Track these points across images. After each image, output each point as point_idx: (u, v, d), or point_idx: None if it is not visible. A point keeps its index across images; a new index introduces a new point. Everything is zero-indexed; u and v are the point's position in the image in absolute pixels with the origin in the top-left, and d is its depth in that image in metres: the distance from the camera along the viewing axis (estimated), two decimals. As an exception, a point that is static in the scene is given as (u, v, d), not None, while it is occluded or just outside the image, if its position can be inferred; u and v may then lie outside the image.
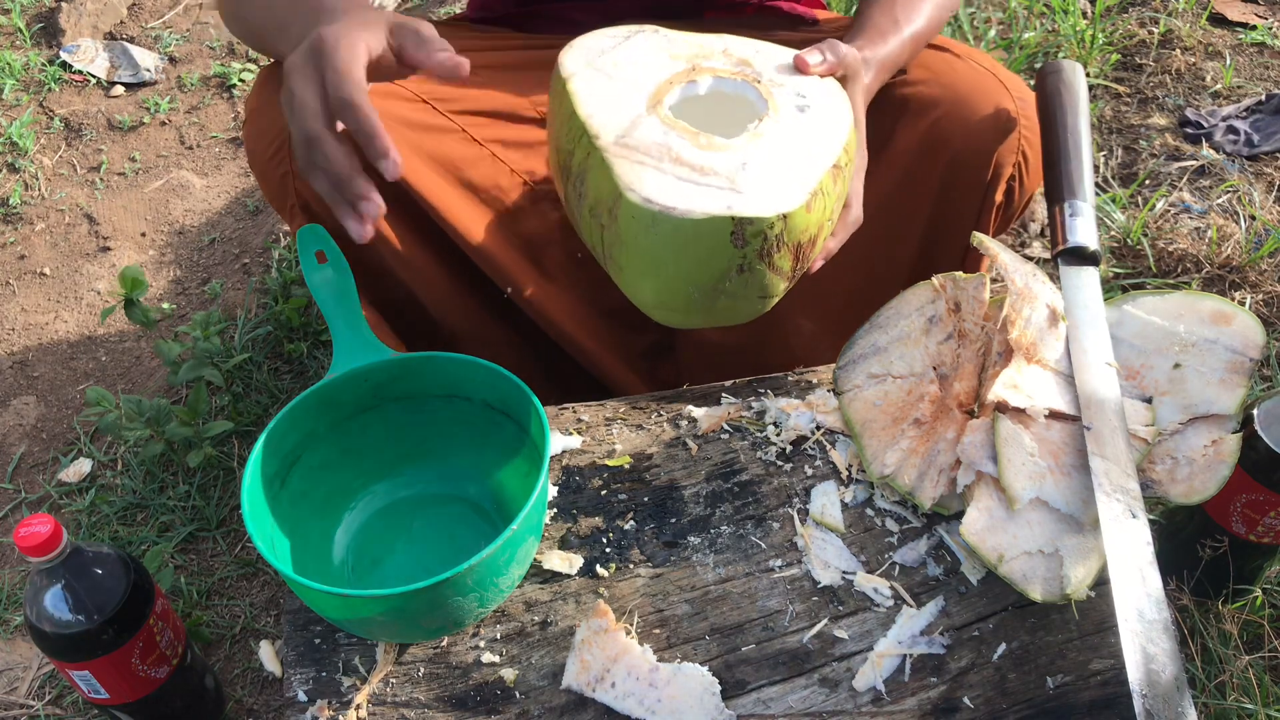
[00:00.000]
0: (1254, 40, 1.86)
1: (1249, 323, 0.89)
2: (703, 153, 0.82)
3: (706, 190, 0.80)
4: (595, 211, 0.83)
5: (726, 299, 0.83)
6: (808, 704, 0.79)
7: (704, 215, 0.78)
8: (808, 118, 0.87)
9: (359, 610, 0.75)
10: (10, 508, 1.37)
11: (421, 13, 2.15)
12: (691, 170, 0.81)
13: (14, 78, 2.02)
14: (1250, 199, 1.57)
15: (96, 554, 0.92)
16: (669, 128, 0.84)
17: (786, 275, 0.85)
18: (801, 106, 0.88)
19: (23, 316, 1.63)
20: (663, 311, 0.87)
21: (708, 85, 0.90)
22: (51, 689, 1.17)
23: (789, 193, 0.80)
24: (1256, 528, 0.94)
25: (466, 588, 0.74)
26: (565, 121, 0.86)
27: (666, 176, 0.80)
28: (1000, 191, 1.03)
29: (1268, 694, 0.94)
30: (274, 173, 0.97)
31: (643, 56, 0.91)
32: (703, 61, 0.91)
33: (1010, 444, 0.83)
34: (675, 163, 0.81)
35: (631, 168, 0.81)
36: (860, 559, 0.86)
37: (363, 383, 0.85)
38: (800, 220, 0.81)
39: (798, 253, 0.83)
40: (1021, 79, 1.08)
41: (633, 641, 0.80)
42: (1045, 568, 0.80)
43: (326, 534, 0.89)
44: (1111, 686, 0.79)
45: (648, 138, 0.83)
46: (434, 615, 0.77)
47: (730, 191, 0.80)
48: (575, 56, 0.90)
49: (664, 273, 0.82)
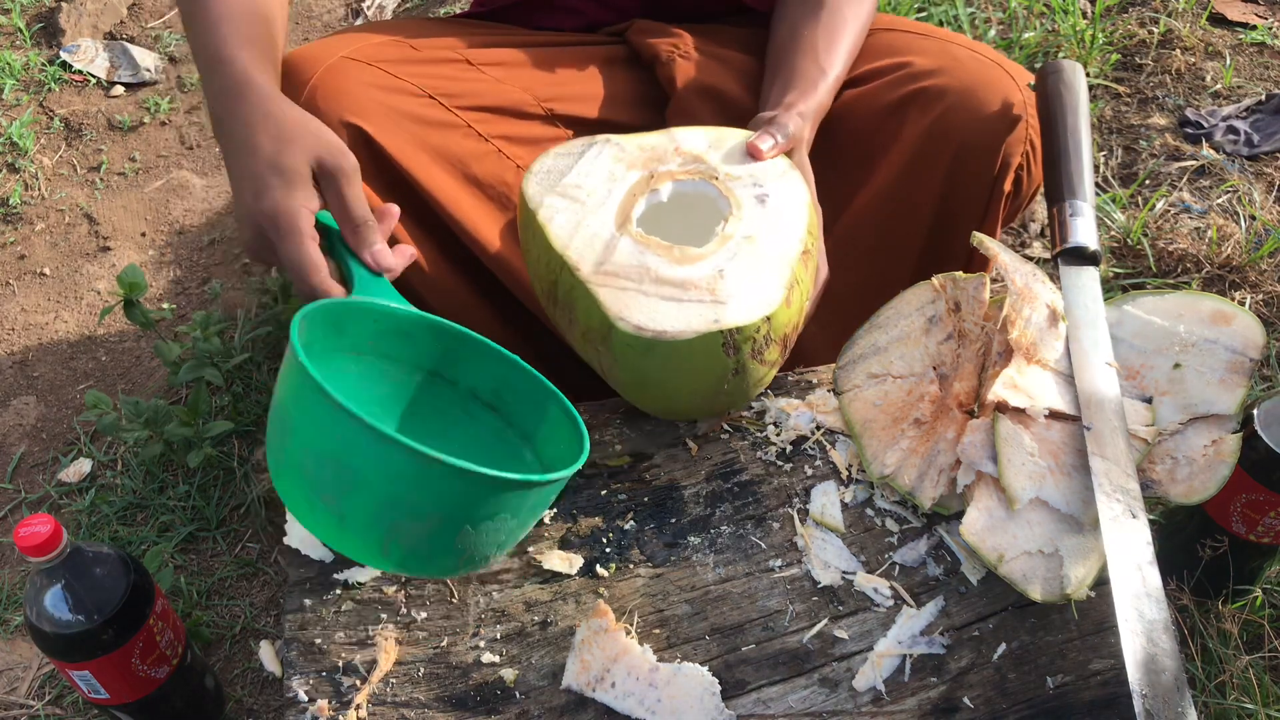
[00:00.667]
0: (1254, 40, 1.86)
1: (1249, 323, 0.89)
2: (679, 267, 0.86)
3: (691, 306, 0.84)
4: (589, 337, 0.87)
5: (725, 397, 0.89)
6: (808, 704, 0.79)
7: (695, 334, 0.82)
8: (769, 208, 0.91)
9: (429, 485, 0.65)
10: (10, 508, 1.37)
11: (421, 12, 2.15)
12: (672, 288, 0.85)
13: (14, 78, 2.02)
14: (1250, 199, 1.57)
15: (96, 554, 0.92)
16: (643, 246, 0.87)
17: (776, 364, 0.90)
18: (760, 197, 0.91)
19: (23, 316, 1.63)
20: (669, 414, 0.94)
21: (668, 191, 0.93)
22: (51, 689, 1.17)
23: (767, 292, 0.85)
24: (1256, 528, 0.94)
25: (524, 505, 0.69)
26: (543, 253, 0.89)
27: (651, 299, 0.84)
28: (1009, 181, 1.03)
29: (1268, 694, 0.94)
30: None
31: (600, 170, 0.93)
32: (658, 166, 0.94)
33: (1010, 444, 0.83)
34: (656, 283, 0.85)
35: (617, 295, 0.84)
36: (860, 559, 0.86)
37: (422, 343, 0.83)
38: (783, 316, 0.86)
39: (784, 343, 0.88)
40: (1027, 69, 1.09)
41: (633, 642, 0.80)
42: (1045, 568, 0.80)
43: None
44: (1111, 686, 0.79)
45: (625, 260, 0.86)
46: (480, 526, 0.68)
47: (713, 304, 0.84)
48: (536, 184, 0.92)
49: (664, 389, 0.87)
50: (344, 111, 0.94)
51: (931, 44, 1.06)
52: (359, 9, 2.18)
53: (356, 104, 0.95)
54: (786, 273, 0.86)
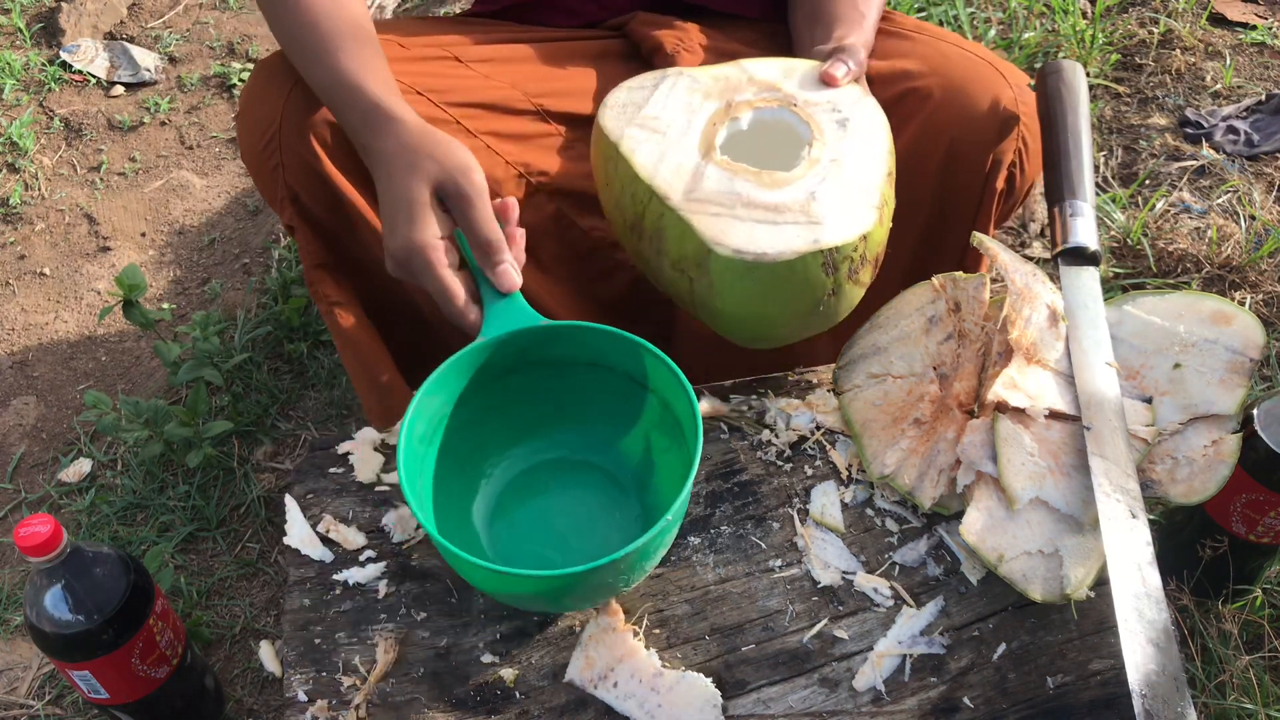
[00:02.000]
0: (1254, 40, 1.86)
1: (1249, 323, 0.89)
2: (769, 191, 0.86)
3: (787, 229, 0.84)
4: (680, 266, 0.87)
5: (819, 319, 0.88)
6: (808, 704, 0.79)
7: (795, 254, 0.82)
8: (850, 133, 0.91)
9: (517, 587, 0.76)
10: (10, 508, 1.37)
11: (421, 12, 2.15)
12: (766, 211, 0.85)
13: (14, 78, 2.01)
14: (1250, 199, 1.57)
15: (96, 554, 0.92)
16: (731, 173, 0.87)
17: (867, 285, 0.89)
18: (841, 121, 0.91)
19: (23, 316, 1.63)
20: (757, 341, 0.94)
21: (749, 119, 0.93)
22: (51, 689, 1.17)
23: (861, 213, 0.85)
24: (1256, 528, 0.94)
25: (619, 571, 0.75)
26: (627, 185, 0.89)
27: (745, 224, 0.84)
28: (1001, 179, 1.03)
29: (1268, 694, 0.94)
30: (265, 164, 0.97)
31: (677, 101, 0.93)
32: (735, 96, 0.93)
33: (1010, 444, 0.83)
34: (748, 207, 0.85)
35: (711, 221, 0.84)
36: (860, 559, 0.86)
37: (509, 347, 0.86)
38: (877, 235, 0.86)
39: (876, 263, 0.89)
40: (1017, 67, 1.08)
41: (640, 644, 0.80)
42: (1045, 568, 0.80)
43: (467, 491, 0.89)
44: (1111, 686, 0.79)
45: (714, 187, 0.86)
46: (579, 595, 0.78)
47: (810, 225, 0.84)
48: (614, 116, 0.92)
49: (764, 311, 0.87)
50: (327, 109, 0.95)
51: (922, 42, 1.06)
52: (359, 9, 2.17)
53: None
54: (875, 193, 0.86)
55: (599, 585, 0.76)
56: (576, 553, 0.86)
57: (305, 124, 0.94)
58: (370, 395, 1.07)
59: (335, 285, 1.04)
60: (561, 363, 0.88)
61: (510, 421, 0.90)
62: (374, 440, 0.96)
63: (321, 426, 1.42)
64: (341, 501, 0.92)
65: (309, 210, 0.99)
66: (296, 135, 0.95)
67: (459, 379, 0.85)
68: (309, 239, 1.01)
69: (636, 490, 0.89)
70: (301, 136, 0.95)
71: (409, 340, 1.12)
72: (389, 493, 0.93)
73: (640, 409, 0.88)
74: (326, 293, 1.04)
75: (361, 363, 1.05)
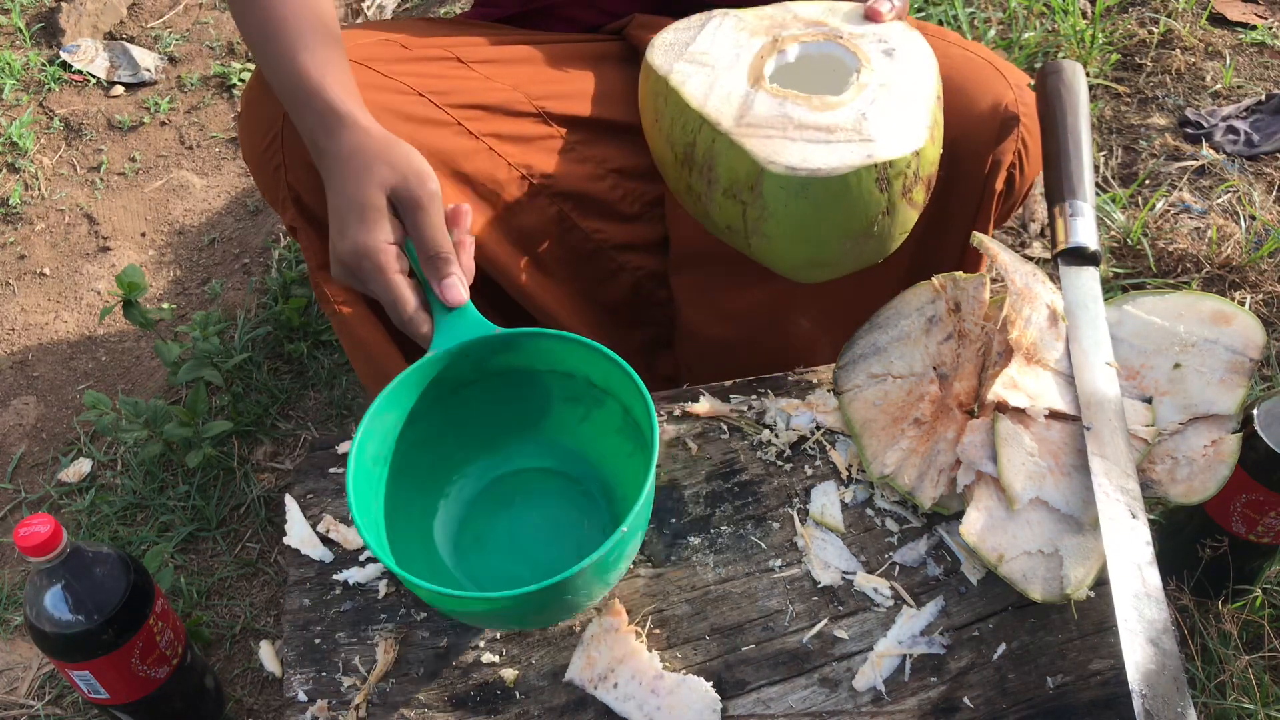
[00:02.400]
0: (1254, 40, 1.85)
1: (1249, 323, 0.89)
2: (820, 114, 0.87)
3: (840, 147, 0.85)
4: (732, 192, 0.87)
5: (874, 242, 0.89)
6: (808, 704, 0.79)
7: (849, 169, 0.83)
8: (897, 61, 0.92)
9: (469, 607, 0.75)
10: (10, 508, 1.37)
11: (421, 12, 2.15)
12: (817, 131, 0.86)
13: (14, 78, 2.01)
14: (1250, 199, 1.57)
15: (96, 554, 0.92)
16: (781, 98, 0.88)
17: (920, 207, 0.90)
18: (887, 51, 0.93)
19: (23, 316, 1.63)
20: (811, 270, 0.93)
21: (796, 52, 0.94)
22: (51, 689, 1.17)
23: (913, 131, 0.86)
24: (1256, 528, 0.94)
25: (577, 587, 0.73)
26: (677, 116, 0.91)
27: (798, 144, 0.85)
28: (1001, 180, 1.03)
29: (1268, 694, 0.94)
30: (267, 165, 0.97)
31: (724, 39, 0.95)
32: (781, 31, 0.96)
33: (1010, 444, 0.83)
34: (800, 129, 0.86)
35: (764, 143, 0.85)
36: (860, 559, 0.86)
37: (464, 358, 0.84)
38: (929, 153, 0.88)
39: (929, 184, 0.90)
40: (1017, 67, 1.08)
41: (642, 646, 0.80)
42: (1045, 568, 0.80)
43: (428, 510, 0.87)
44: (1111, 686, 0.79)
45: (765, 111, 0.88)
46: (543, 613, 0.77)
47: (863, 142, 0.85)
48: (662, 54, 0.95)
49: (818, 233, 0.87)
50: None
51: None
52: (359, 9, 2.18)
53: None
54: (925, 114, 0.88)
55: (560, 602, 0.74)
56: (545, 567, 0.83)
57: None
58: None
59: (340, 286, 1.04)
60: (519, 371, 0.86)
61: (470, 435, 0.88)
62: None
63: (321, 426, 1.42)
64: (341, 501, 0.92)
65: (311, 211, 0.99)
66: (298, 136, 0.95)
67: (410, 395, 0.83)
68: (312, 240, 1.01)
69: (604, 498, 0.88)
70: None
71: (408, 343, 1.12)
72: (389, 493, 0.93)
73: (601, 414, 0.86)
74: (331, 293, 1.04)
75: (369, 361, 1.05)
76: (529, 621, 0.80)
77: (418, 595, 0.77)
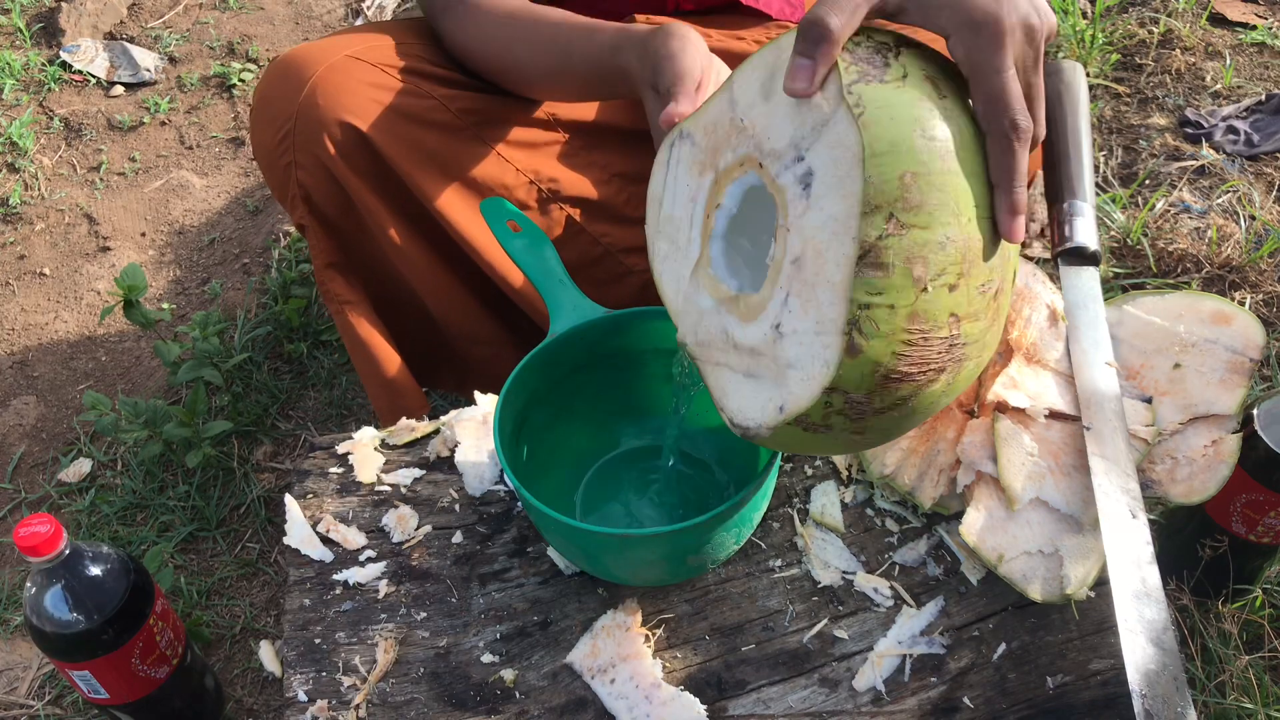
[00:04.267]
0: (1254, 40, 1.85)
1: (1249, 323, 0.89)
2: (747, 326, 0.67)
3: (763, 387, 0.65)
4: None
5: (863, 447, 0.69)
6: (808, 704, 0.79)
7: (770, 430, 0.64)
8: (814, 196, 0.62)
9: (637, 548, 0.77)
10: (10, 508, 1.37)
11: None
12: (746, 358, 0.67)
13: (14, 78, 2.01)
14: (1250, 199, 1.57)
15: (96, 554, 0.92)
16: (717, 300, 0.69)
17: (901, 408, 0.63)
18: (804, 179, 0.62)
19: (23, 316, 1.63)
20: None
21: (735, 197, 0.70)
22: (51, 689, 1.17)
23: (822, 347, 0.60)
24: (1256, 528, 0.94)
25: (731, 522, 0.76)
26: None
27: (736, 376, 0.67)
28: None
29: (1268, 694, 0.94)
30: (278, 162, 0.97)
31: (681, 188, 0.74)
32: (720, 160, 0.70)
33: (1010, 444, 0.83)
34: (736, 350, 0.68)
35: (715, 374, 0.69)
36: (860, 559, 0.86)
37: (579, 341, 0.87)
38: (853, 373, 0.60)
39: (901, 382, 0.61)
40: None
41: (647, 650, 0.80)
42: (1045, 568, 0.80)
43: (555, 492, 0.89)
44: (1111, 686, 0.79)
45: (710, 324, 0.70)
46: (700, 552, 0.78)
47: (776, 381, 0.64)
48: (650, 223, 0.77)
49: (779, 447, 0.70)
50: (342, 111, 0.94)
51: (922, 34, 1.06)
52: (359, 9, 2.18)
53: (355, 103, 0.95)
54: (841, 305, 0.59)
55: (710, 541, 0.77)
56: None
57: (319, 122, 0.94)
58: (380, 395, 1.07)
59: (346, 285, 1.04)
60: (629, 352, 0.89)
61: (581, 422, 0.91)
62: (374, 440, 0.96)
63: (321, 426, 1.42)
64: (341, 501, 0.92)
65: (320, 209, 0.99)
66: (310, 133, 0.95)
67: (535, 379, 0.86)
68: (320, 238, 1.01)
69: (721, 466, 0.91)
70: (315, 135, 0.95)
71: (418, 340, 1.12)
72: (389, 493, 0.93)
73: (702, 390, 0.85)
74: (337, 292, 1.04)
75: (371, 362, 1.05)
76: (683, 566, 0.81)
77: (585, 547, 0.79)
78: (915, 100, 0.59)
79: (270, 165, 0.99)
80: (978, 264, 0.60)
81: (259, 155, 1.00)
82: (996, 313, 0.63)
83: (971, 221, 0.60)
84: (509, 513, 0.91)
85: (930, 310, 0.59)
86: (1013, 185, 0.59)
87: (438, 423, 0.97)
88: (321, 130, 0.94)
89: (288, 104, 0.95)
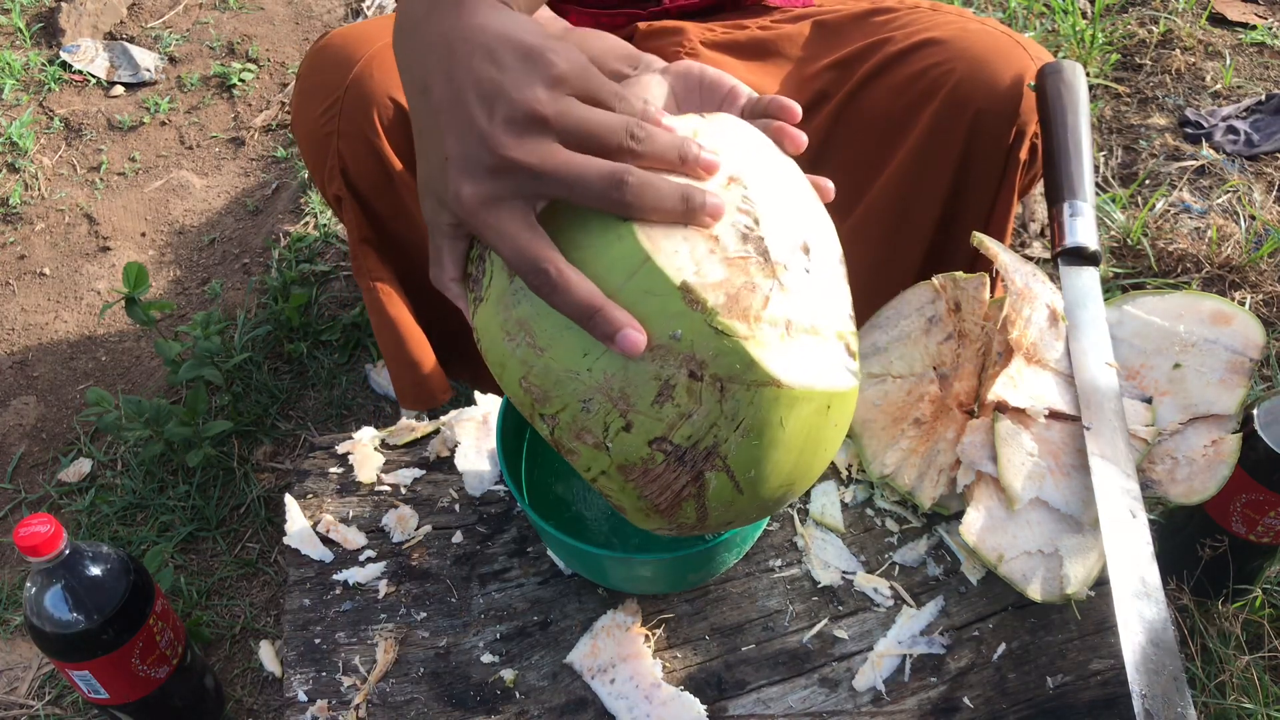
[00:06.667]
0: (1254, 40, 1.85)
1: (1249, 323, 0.89)
2: None
3: None
4: None
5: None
6: (808, 704, 0.79)
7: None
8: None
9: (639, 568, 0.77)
10: (10, 508, 1.37)
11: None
12: None
13: (14, 78, 2.01)
14: (1250, 199, 1.57)
15: (96, 554, 0.92)
16: None
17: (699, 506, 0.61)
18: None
19: (23, 316, 1.63)
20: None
21: None
22: (51, 689, 1.17)
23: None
24: (1256, 528, 0.94)
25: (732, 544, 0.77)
26: None
27: None
28: (1025, 150, 1.03)
29: (1268, 694, 0.94)
30: (319, 131, 0.98)
31: None
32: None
33: (1010, 444, 0.83)
34: None
35: None
36: (860, 559, 0.86)
37: None
38: (644, 523, 0.62)
39: (665, 512, 0.61)
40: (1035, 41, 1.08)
41: (647, 650, 0.80)
42: (1045, 568, 0.80)
43: (557, 495, 0.88)
44: (1111, 686, 0.79)
45: None
46: (700, 571, 0.80)
47: None
48: None
49: None
50: (394, 88, 0.95)
51: (944, 18, 1.07)
52: (359, 9, 2.18)
53: None
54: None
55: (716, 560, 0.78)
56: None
57: (370, 96, 0.95)
58: (404, 375, 1.07)
59: (379, 262, 1.04)
60: None
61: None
62: (374, 440, 0.96)
63: (321, 426, 1.42)
64: (341, 501, 0.92)
65: (356, 184, 0.99)
66: (359, 107, 0.95)
67: None
68: (355, 213, 1.02)
69: None
70: (364, 109, 0.96)
71: (445, 326, 1.12)
72: (389, 493, 0.93)
73: None
74: (370, 267, 1.04)
75: (397, 341, 1.05)
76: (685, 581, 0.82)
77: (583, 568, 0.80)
78: (495, 309, 0.59)
79: (309, 135, 0.99)
80: (633, 386, 0.56)
81: (298, 127, 1.01)
82: (716, 388, 0.57)
83: (597, 361, 0.56)
84: (509, 513, 0.91)
85: (628, 455, 0.58)
86: (584, 318, 0.54)
87: (438, 423, 0.97)
88: (371, 105, 0.95)
89: (338, 76, 0.96)
